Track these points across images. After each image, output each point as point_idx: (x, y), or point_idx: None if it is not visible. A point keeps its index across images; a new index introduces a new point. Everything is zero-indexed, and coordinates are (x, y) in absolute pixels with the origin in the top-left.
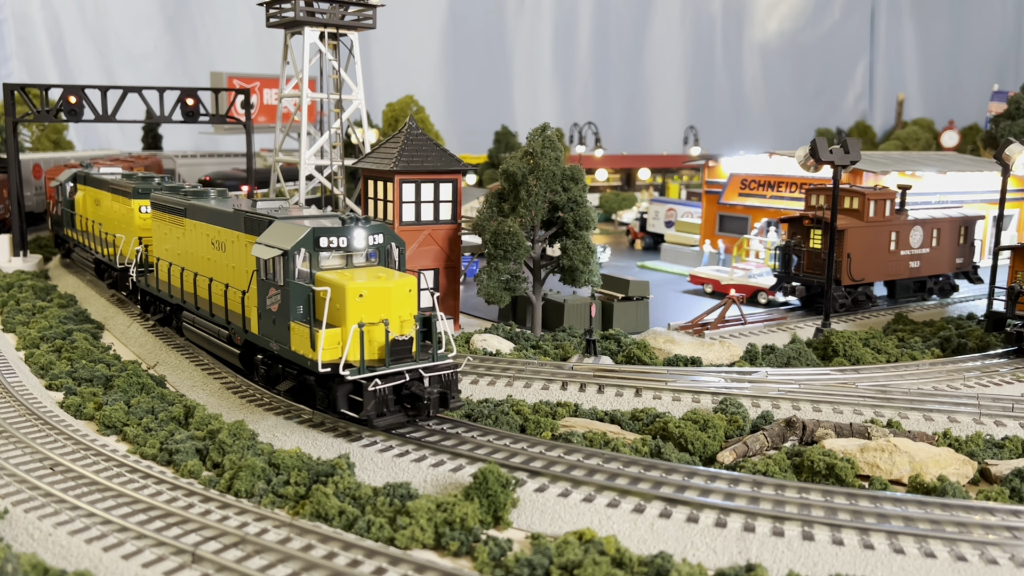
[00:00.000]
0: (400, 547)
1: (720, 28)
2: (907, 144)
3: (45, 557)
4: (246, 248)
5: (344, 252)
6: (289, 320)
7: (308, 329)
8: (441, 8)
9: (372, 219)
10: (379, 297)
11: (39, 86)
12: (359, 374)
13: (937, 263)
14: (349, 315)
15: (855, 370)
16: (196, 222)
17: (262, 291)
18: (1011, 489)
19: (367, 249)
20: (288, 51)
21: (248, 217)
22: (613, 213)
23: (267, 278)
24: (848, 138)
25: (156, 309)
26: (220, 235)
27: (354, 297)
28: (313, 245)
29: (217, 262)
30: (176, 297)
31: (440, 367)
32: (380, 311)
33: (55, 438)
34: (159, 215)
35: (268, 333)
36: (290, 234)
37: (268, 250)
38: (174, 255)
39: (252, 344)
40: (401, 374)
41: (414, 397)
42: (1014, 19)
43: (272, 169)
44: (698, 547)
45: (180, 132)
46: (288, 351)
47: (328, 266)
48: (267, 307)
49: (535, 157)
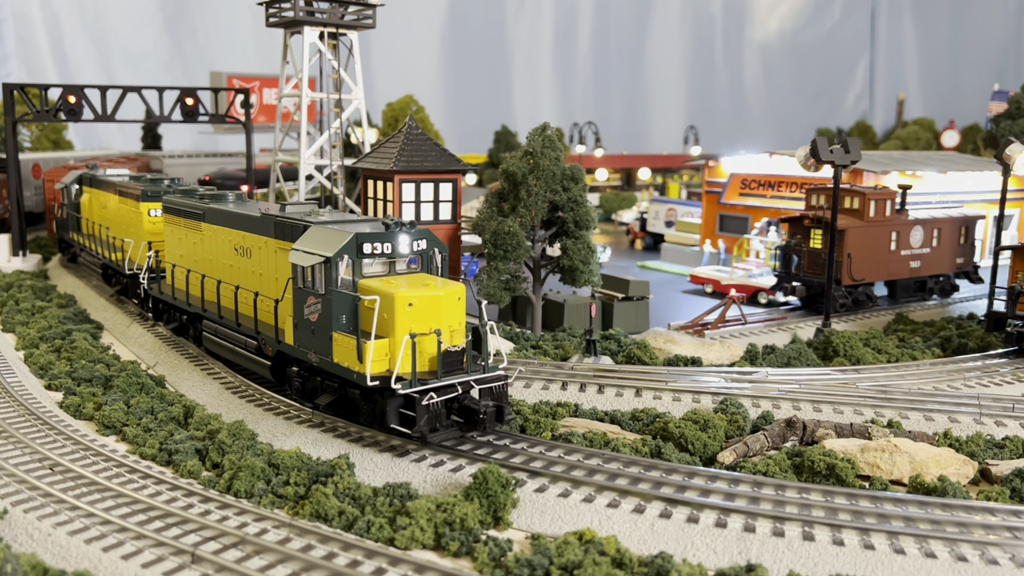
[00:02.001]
0: (400, 547)
1: (720, 28)
2: (907, 144)
3: (44, 557)
4: (276, 254)
5: (387, 259)
6: (331, 331)
7: (353, 340)
8: (441, 8)
9: (415, 224)
10: (429, 306)
11: (38, 86)
12: (411, 387)
13: (938, 263)
14: (398, 325)
15: (855, 370)
16: (216, 227)
17: (299, 300)
18: (1012, 489)
19: (411, 255)
20: (288, 51)
21: (279, 222)
22: (613, 213)
23: (305, 286)
24: (848, 138)
25: (170, 317)
26: (245, 240)
27: (403, 306)
28: (356, 251)
29: (241, 269)
30: (195, 306)
31: (491, 379)
32: (430, 321)
33: (54, 438)
34: (171, 219)
35: (306, 344)
36: (332, 240)
37: (308, 257)
38: (190, 261)
39: (285, 355)
40: (453, 387)
41: (468, 411)
42: (1014, 19)
43: (272, 169)
44: (698, 547)
45: (180, 132)
46: (330, 363)
47: (370, 273)
48: (305, 317)
49: (535, 157)
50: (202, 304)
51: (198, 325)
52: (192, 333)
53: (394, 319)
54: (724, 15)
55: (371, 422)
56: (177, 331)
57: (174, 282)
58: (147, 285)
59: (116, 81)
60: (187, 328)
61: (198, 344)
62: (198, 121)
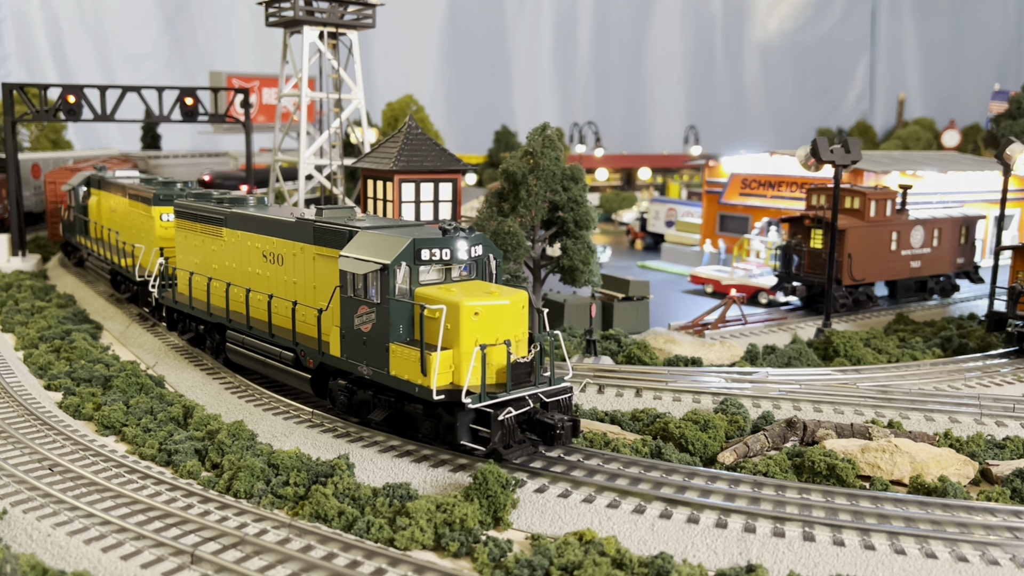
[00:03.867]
0: (400, 548)
1: (721, 27)
2: (908, 144)
3: (44, 558)
4: (314, 261)
5: (442, 265)
6: (387, 342)
7: (412, 352)
8: (441, 8)
9: (473, 228)
10: (495, 315)
11: (38, 85)
12: (481, 401)
13: (938, 263)
14: (463, 336)
15: (856, 370)
16: (241, 232)
17: (348, 309)
18: (1012, 489)
19: (468, 261)
20: (287, 50)
21: (320, 227)
22: (613, 213)
23: (356, 295)
24: (849, 137)
25: (185, 327)
26: (276, 247)
27: (469, 316)
28: (414, 258)
29: (271, 277)
30: (218, 316)
31: (558, 391)
32: (495, 330)
33: (54, 438)
34: (186, 224)
35: (355, 356)
36: (387, 246)
37: (361, 264)
38: (208, 268)
39: (327, 368)
40: (525, 400)
41: (541, 425)
42: (1015, 19)
43: (271, 169)
44: (699, 548)
45: (179, 132)
46: (385, 376)
47: (426, 281)
48: (355, 327)
49: (535, 157)
50: (227, 314)
51: (214, 335)
52: (210, 344)
53: (459, 329)
54: (724, 15)
55: (433, 438)
56: (193, 342)
57: (191, 291)
58: (158, 294)
59: (116, 81)
60: (204, 339)
61: (216, 356)
62: (197, 121)
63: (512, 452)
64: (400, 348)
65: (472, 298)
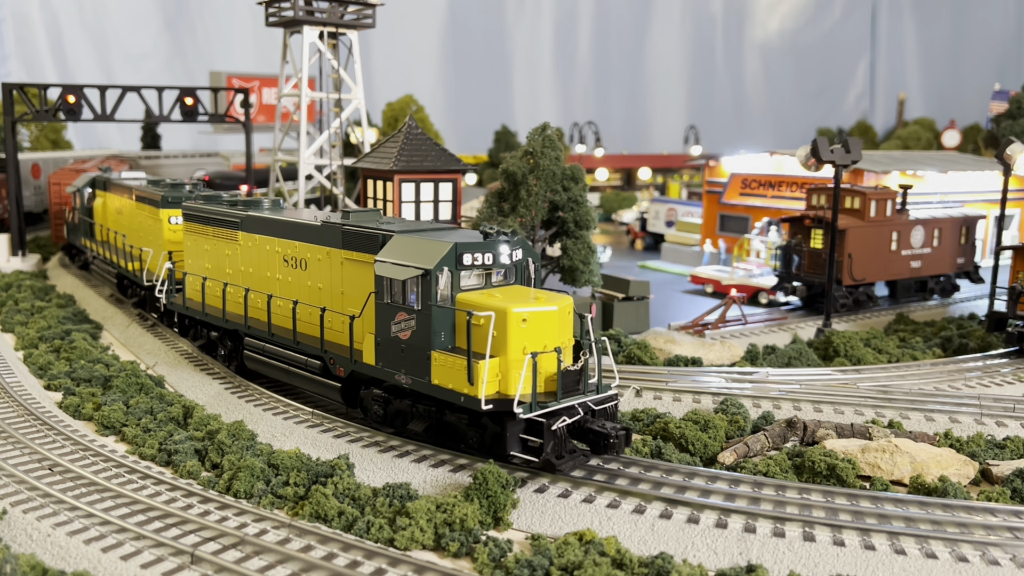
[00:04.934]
0: (400, 548)
1: (721, 27)
2: (908, 143)
3: (44, 558)
4: (342, 266)
5: (483, 270)
6: (429, 349)
7: (456, 359)
8: (441, 8)
9: (516, 232)
10: (543, 321)
11: (38, 85)
12: (533, 411)
13: (938, 263)
14: (511, 343)
15: (856, 370)
16: (259, 236)
17: (384, 316)
18: (1012, 490)
19: (509, 266)
20: (287, 50)
21: (349, 231)
22: (613, 213)
23: (393, 301)
24: (849, 137)
25: (196, 334)
26: (298, 251)
27: (517, 322)
28: (455, 263)
29: (293, 282)
30: (235, 322)
31: (606, 399)
32: (543, 337)
33: (54, 438)
34: (196, 227)
35: (392, 364)
36: (427, 250)
37: (400, 269)
38: (221, 273)
39: (358, 377)
40: (575, 409)
41: (594, 434)
42: (1015, 19)
43: (271, 169)
44: (699, 548)
45: (179, 132)
46: (426, 385)
47: (467, 286)
48: (392, 334)
49: (535, 157)
50: (245, 321)
51: (226, 341)
52: (223, 352)
53: (506, 336)
54: (724, 15)
55: (478, 449)
56: (205, 349)
57: (204, 296)
58: (166, 300)
59: (115, 81)
60: (215, 345)
61: (227, 363)
62: (197, 121)
63: (565, 463)
64: (443, 356)
65: (519, 304)
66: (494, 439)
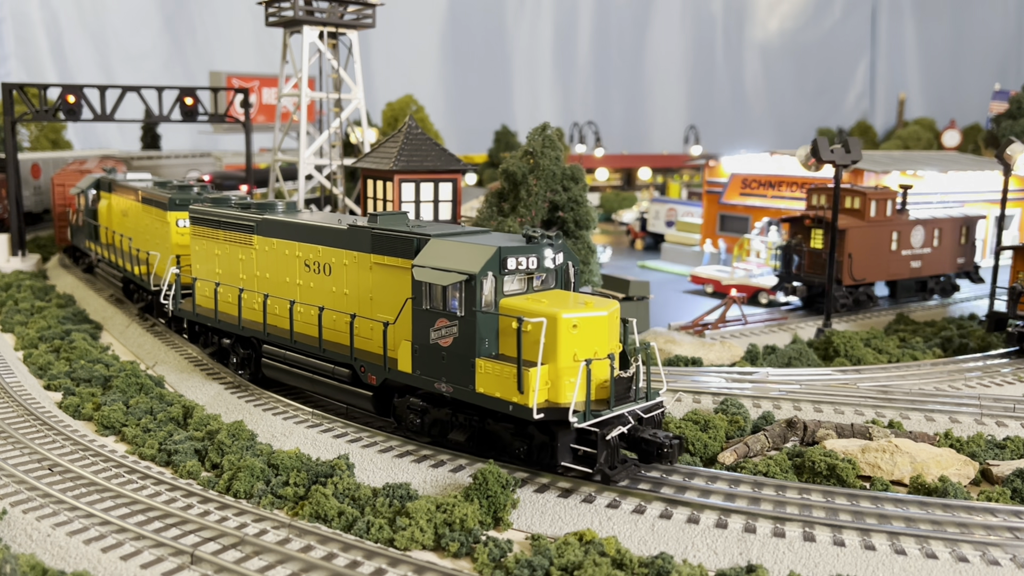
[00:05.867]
0: (400, 548)
1: (721, 27)
2: (908, 143)
3: (44, 558)
4: (372, 271)
5: (525, 274)
6: (473, 357)
7: (502, 367)
8: (441, 8)
9: (560, 235)
10: (593, 327)
11: (37, 85)
12: (587, 420)
13: (938, 263)
14: (561, 349)
15: (856, 370)
16: (276, 240)
17: (422, 322)
18: (1012, 490)
19: (552, 269)
20: (287, 50)
21: (379, 235)
22: (613, 213)
23: (433, 307)
24: (849, 137)
25: (207, 340)
26: (321, 255)
27: (567, 328)
28: (499, 267)
29: (316, 288)
30: (251, 329)
31: (653, 406)
32: (592, 343)
33: (53, 438)
34: (205, 231)
35: (432, 372)
36: (471, 255)
37: (442, 275)
38: (234, 278)
39: (391, 385)
40: (625, 417)
41: (646, 443)
42: (1015, 18)
43: (271, 169)
44: (699, 548)
45: (179, 132)
46: (470, 393)
47: (510, 291)
48: (431, 341)
49: (535, 156)
50: (264, 328)
51: (238, 348)
52: (236, 360)
53: (556, 343)
54: (724, 15)
55: (526, 459)
56: (217, 356)
57: (217, 302)
58: (172, 306)
59: (115, 81)
60: (227, 353)
61: (239, 371)
62: (197, 121)
63: (618, 473)
64: (489, 363)
65: (569, 309)
66: (541, 449)
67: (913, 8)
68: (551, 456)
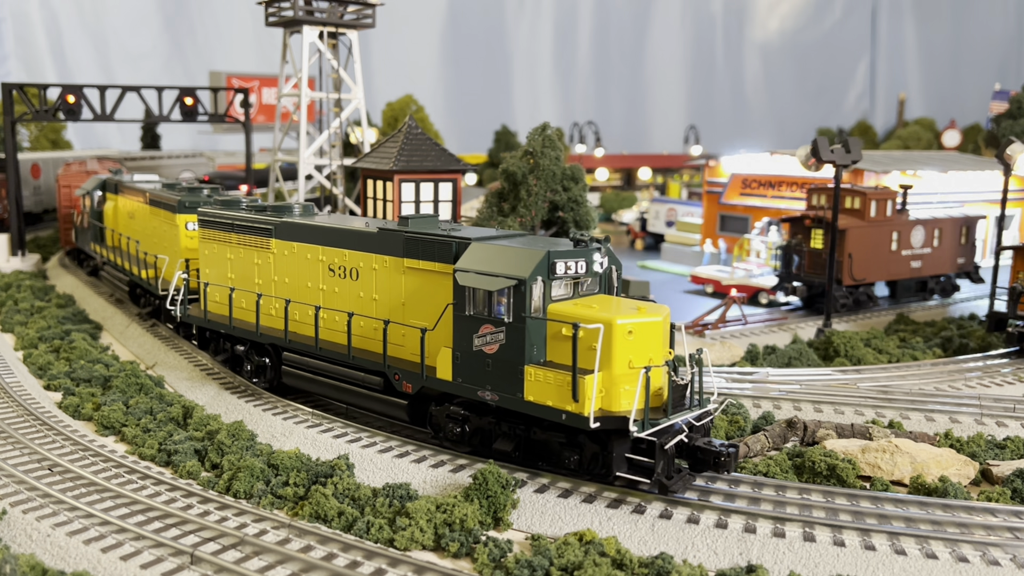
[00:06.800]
0: (400, 548)
1: (721, 27)
2: (908, 143)
3: (43, 558)
4: (403, 275)
5: (572, 279)
6: (521, 364)
7: (558, 375)
8: (441, 8)
9: (609, 238)
10: (647, 333)
11: (37, 85)
12: (646, 429)
13: (939, 263)
14: (616, 356)
15: (856, 370)
16: (296, 244)
17: (464, 328)
18: (1012, 490)
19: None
20: (287, 50)
21: (413, 238)
22: (613, 213)
23: (477, 313)
24: (849, 137)
25: (218, 347)
26: (348, 259)
27: (623, 335)
28: (548, 271)
29: (341, 293)
30: (270, 335)
31: (703, 414)
32: (646, 350)
33: (53, 438)
34: (216, 234)
35: (475, 380)
36: (519, 259)
37: (490, 280)
38: (250, 283)
39: (428, 393)
40: (679, 426)
41: (703, 452)
42: (1015, 19)
43: (271, 168)
44: (699, 548)
45: (179, 132)
46: (519, 402)
47: (557, 296)
48: (474, 348)
49: (535, 156)
50: (285, 334)
51: (253, 356)
52: (250, 367)
53: (612, 350)
54: (724, 14)
55: (576, 469)
56: (230, 364)
57: (231, 308)
58: (180, 312)
59: (115, 81)
60: (241, 360)
61: (253, 378)
62: (197, 121)
63: (675, 483)
64: (539, 371)
65: (623, 315)
66: (593, 459)
67: (913, 8)
68: (604, 466)
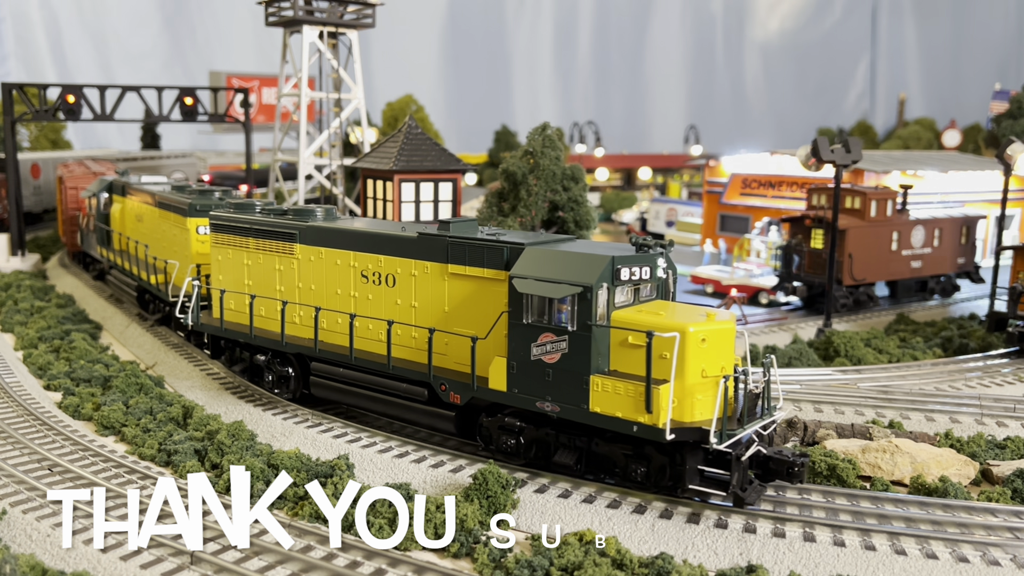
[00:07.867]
0: (400, 548)
1: (721, 27)
2: (909, 143)
3: (43, 558)
4: (446, 282)
5: (632, 285)
6: (586, 374)
7: (628, 386)
8: (441, 8)
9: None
10: (719, 341)
11: (37, 85)
12: (723, 440)
13: (939, 263)
14: (689, 365)
15: (856, 370)
16: (325, 249)
17: (522, 337)
18: (1013, 490)
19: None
20: (287, 50)
21: (458, 243)
22: (613, 213)
23: (536, 321)
24: (850, 137)
25: (234, 356)
26: (383, 266)
27: (696, 342)
28: (612, 278)
29: (375, 300)
30: (296, 345)
31: (771, 423)
32: (717, 358)
33: (53, 438)
34: (230, 239)
35: (533, 391)
36: (583, 265)
37: (552, 287)
38: (271, 290)
39: (478, 404)
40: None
41: (775, 461)
42: (1016, 18)
43: (271, 168)
44: (699, 548)
45: (179, 132)
46: (583, 413)
47: (619, 303)
48: (532, 358)
49: (535, 156)
50: (315, 344)
51: (275, 365)
52: (271, 378)
53: (685, 358)
54: (724, 14)
55: (642, 482)
56: (248, 375)
57: (252, 316)
58: (191, 320)
59: (115, 80)
60: (260, 370)
61: (273, 389)
62: (197, 121)
63: (750, 495)
64: (606, 381)
65: (695, 322)
66: (660, 471)
67: (913, 8)
68: (675, 479)
